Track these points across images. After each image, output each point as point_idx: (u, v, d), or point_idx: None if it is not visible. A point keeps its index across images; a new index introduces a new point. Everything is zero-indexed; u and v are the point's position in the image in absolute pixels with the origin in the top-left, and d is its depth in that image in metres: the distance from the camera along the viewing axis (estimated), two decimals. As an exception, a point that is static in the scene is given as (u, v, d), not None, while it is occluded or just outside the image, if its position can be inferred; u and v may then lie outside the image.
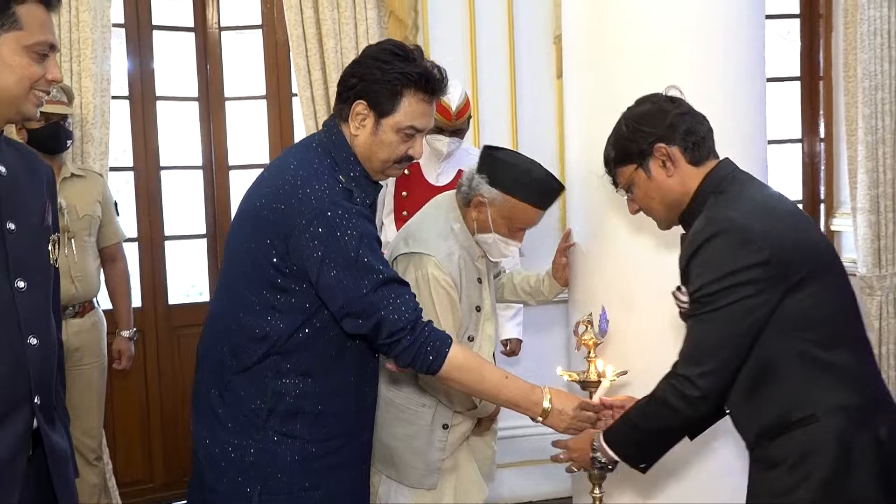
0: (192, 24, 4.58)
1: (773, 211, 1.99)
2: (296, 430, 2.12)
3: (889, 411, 1.96)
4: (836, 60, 4.82)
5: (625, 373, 2.47)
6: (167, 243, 4.62)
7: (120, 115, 4.34)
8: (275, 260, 2.04)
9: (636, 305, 2.78)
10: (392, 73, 2.07)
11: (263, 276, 2.07)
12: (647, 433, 2.10)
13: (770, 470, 1.95)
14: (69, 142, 3.62)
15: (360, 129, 2.12)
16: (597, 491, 2.43)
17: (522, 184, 2.59)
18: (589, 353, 2.44)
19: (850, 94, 4.66)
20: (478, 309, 2.71)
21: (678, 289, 2.06)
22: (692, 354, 1.97)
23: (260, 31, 4.61)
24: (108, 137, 4.02)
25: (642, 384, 2.20)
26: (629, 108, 2.17)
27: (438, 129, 3.54)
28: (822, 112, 4.99)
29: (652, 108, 2.11)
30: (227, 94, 4.63)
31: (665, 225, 2.19)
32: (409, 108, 2.11)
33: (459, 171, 3.27)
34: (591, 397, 2.39)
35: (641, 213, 2.22)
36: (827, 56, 4.93)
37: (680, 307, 2.07)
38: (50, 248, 1.87)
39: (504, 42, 4.41)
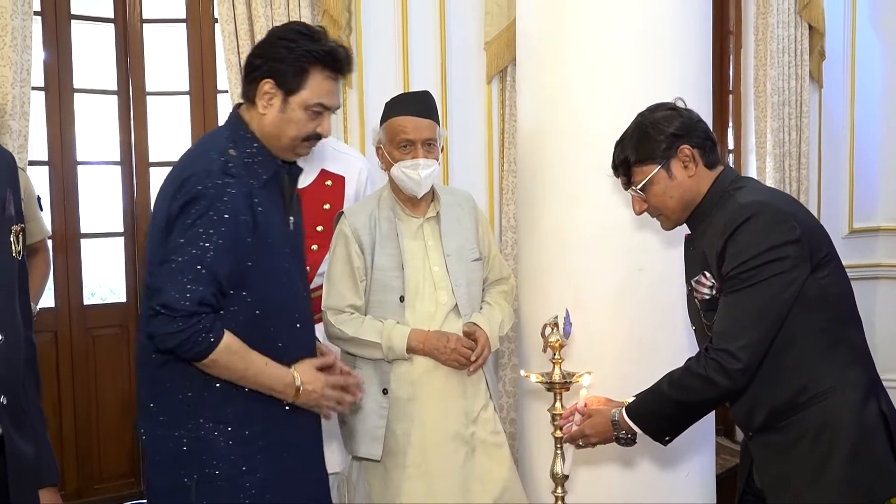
0: (111, 15, 4.42)
1: (790, 199, 2.19)
2: (227, 415, 2.09)
3: (881, 385, 2.14)
4: (746, 75, 5.07)
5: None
6: (83, 241, 4.43)
7: (34, 107, 4.13)
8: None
9: (588, 309, 2.88)
10: (298, 51, 2.11)
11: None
12: (681, 406, 2.18)
13: (791, 448, 2.07)
14: None
15: (268, 107, 2.15)
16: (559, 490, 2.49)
17: (386, 107, 2.89)
18: (554, 354, 2.49)
19: (759, 108, 4.92)
20: (402, 267, 2.78)
21: (699, 278, 2.16)
22: (731, 329, 2.06)
23: (184, 25, 4.49)
24: (27, 130, 3.84)
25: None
26: (645, 114, 2.25)
27: None
28: (731, 124, 5.23)
29: (672, 113, 2.23)
30: (148, 89, 4.48)
31: (672, 224, 2.28)
32: (316, 86, 2.14)
33: (322, 171, 3.30)
34: (556, 399, 2.45)
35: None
36: (737, 71, 5.17)
37: (701, 296, 2.17)
38: (12, 239, 1.79)
39: (436, 46, 4.44)
